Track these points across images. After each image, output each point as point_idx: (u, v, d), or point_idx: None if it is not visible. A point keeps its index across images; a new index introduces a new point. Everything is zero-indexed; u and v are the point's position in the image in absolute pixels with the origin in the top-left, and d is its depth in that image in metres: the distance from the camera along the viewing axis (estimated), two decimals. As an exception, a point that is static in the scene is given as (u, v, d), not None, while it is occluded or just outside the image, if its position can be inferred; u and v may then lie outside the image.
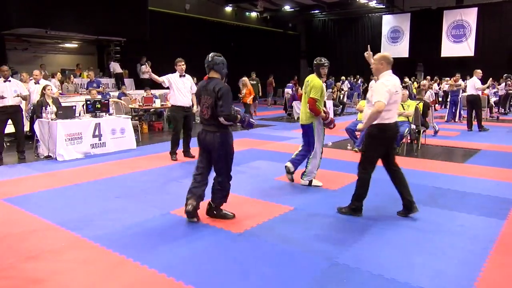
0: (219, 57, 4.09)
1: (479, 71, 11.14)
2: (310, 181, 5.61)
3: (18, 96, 7.15)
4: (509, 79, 16.03)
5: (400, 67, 23.72)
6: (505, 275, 3.12)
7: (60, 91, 11.45)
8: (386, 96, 4.04)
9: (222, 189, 4.20)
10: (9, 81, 7.13)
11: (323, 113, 5.32)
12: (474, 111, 11.13)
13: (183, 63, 7.30)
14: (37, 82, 8.56)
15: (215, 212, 4.28)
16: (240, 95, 12.56)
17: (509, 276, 3.11)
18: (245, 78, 12.93)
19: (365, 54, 4.79)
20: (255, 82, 15.09)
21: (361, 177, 4.37)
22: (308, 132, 5.55)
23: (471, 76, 11.68)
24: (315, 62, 5.44)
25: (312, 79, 5.38)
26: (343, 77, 19.70)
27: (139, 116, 11.01)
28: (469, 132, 10.75)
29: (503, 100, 16.08)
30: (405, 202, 4.34)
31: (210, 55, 4.08)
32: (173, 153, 7.30)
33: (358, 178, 4.39)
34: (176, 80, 7.22)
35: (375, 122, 4.15)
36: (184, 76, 7.31)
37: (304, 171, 5.63)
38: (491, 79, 12.80)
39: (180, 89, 7.18)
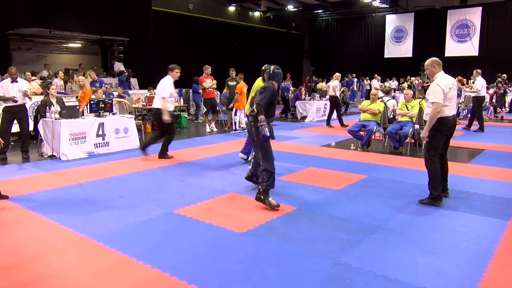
0: (278, 69, 4.99)
1: (478, 71, 11.18)
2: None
3: (24, 94, 7.14)
4: (500, 79, 16.03)
5: (404, 67, 23.82)
6: (509, 275, 3.10)
7: (63, 91, 11.50)
8: (440, 96, 4.52)
9: (261, 174, 4.70)
10: (16, 81, 7.16)
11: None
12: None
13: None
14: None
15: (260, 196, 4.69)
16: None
17: (514, 277, 3.10)
18: (81, 77, 9.45)
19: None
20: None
21: (429, 167, 4.72)
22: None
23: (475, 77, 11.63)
24: (262, 68, 6.43)
25: (256, 82, 6.50)
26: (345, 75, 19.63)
27: (142, 116, 11.04)
28: (473, 133, 10.72)
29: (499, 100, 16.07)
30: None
31: (271, 67, 4.98)
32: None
33: (428, 169, 4.75)
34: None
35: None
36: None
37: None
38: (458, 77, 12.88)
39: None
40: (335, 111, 11.95)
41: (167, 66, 7.86)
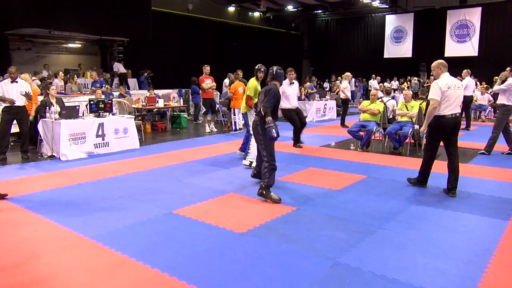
0: (280, 70, 5.19)
1: (468, 71, 11.26)
2: (251, 162, 6.39)
3: (24, 95, 7.14)
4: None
5: (404, 67, 23.78)
6: (509, 275, 3.10)
7: (63, 91, 11.50)
8: (437, 94, 4.92)
9: (264, 170, 4.88)
10: (16, 82, 7.15)
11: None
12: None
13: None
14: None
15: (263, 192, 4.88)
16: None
17: (513, 277, 3.10)
18: (23, 75, 8.23)
19: None
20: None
21: (423, 155, 5.38)
22: (245, 119, 7.11)
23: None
24: (255, 68, 6.82)
25: (250, 81, 6.87)
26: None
27: (142, 116, 11.04)
28: (472, 132, 10.73)
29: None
30: (448, 184, 5.18)
31: (274, 68, 5.18)
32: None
33: (423, 157, 5.37)
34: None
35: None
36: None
37: (248, 153, 6.62)
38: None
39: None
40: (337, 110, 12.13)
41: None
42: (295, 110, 8.67)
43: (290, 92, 8.46)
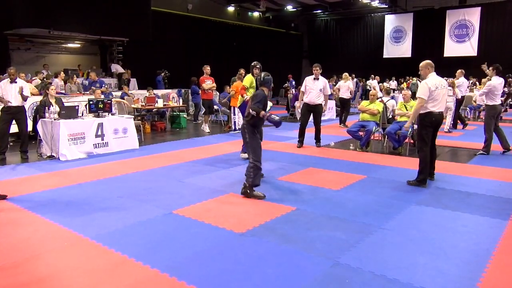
0: (268, 76, 5.39)
1: (462, 71, 11.30)
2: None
3: (21, 95, 7.16)
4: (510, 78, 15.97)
5: (403, 67, 23.79)
6: (508, 275, 3.10)
7: (63, 91, 11.49)
8: (426, 93, 5.32)
9: (249, 170, 5.02)
10: (15, 82, 7.15)
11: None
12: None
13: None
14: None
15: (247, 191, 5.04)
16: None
17: (512, 276, 3.10)
18: None
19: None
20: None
21: (420, 155, 5.56)
22: (242, 112, 7.44)
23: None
24: (251, 64, 7.35)
25: (247, 76, 7.54)
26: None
27: (141, 116, 11.04)
28: (472, 132, 10.73)
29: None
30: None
31: (262, 75, 5.44)
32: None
33: (419, 156, 5.58)
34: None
35: (421, 112, 5.43)
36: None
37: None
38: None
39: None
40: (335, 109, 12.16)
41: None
42: (310, 108, 8.49)
43: (310, 87, 8.53)
